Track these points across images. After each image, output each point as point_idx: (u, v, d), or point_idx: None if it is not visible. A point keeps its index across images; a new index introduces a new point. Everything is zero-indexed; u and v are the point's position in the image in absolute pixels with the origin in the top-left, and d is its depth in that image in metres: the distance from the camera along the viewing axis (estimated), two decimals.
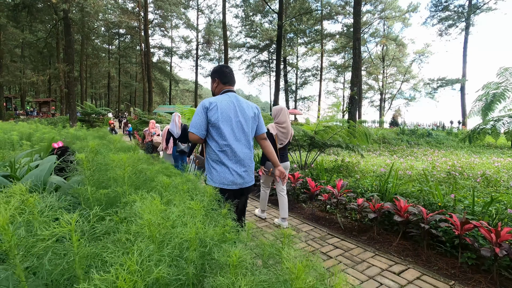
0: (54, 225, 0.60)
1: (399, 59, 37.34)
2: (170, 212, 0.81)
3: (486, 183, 5.03)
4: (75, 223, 0.61)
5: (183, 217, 0.80)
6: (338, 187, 3.73)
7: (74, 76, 22.88)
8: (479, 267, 2.33)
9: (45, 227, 0.62)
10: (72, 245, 0.61)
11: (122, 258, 0.53)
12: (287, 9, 30.94)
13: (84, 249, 0.62)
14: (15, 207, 0.62)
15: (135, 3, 35.77)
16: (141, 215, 0.70)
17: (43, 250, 0.60)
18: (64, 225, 0.60)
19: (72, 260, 0.61)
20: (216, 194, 1.12)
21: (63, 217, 0.62)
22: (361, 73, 29.06)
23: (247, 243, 0.88)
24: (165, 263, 0.59)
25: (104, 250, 0.63)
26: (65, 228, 0.60)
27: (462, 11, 28.67)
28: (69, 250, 0.61)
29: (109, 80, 44.83)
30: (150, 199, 0.80)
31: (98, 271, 0.51)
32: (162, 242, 0.68)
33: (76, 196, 1.13)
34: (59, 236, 0.61)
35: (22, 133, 3.89)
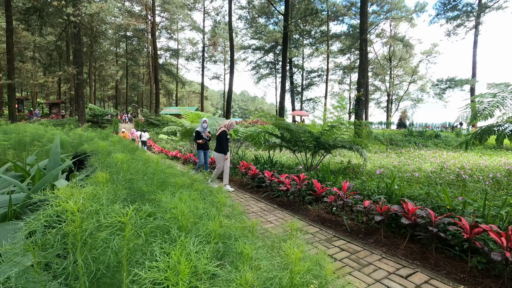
0: (114, 215, 0.69)
1: (406, 59, 36.89)
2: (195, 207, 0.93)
3: (497, 186, 4.92)
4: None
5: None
6: (344, 189, 3.71)
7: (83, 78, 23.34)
8: (490, 272, 2.28)
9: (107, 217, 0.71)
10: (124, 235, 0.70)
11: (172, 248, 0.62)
12: (293, 10, 30.96)
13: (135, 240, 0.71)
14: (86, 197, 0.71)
15: (142, 6, 36.31)
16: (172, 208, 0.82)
17: (107, 236, 0.69)
18: (121, 216, 0.69)
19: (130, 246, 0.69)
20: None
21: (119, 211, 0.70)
22: (368, 74, 28.84)
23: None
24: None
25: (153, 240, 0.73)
26: (123, 218, 0.69)
27: (471, 10, 28.19)
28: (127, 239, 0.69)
29: (116, 82, 45.54)
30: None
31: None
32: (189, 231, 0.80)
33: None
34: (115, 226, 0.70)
35: (34, 134, 3.99)
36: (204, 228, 0.81)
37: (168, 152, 12.90)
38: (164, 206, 0.88)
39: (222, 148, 5.36)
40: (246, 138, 8.08)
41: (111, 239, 0.68)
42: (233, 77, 27.27)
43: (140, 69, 45.31)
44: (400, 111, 36.33)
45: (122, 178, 1.18)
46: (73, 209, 0.63)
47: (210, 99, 70.09)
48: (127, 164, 1.28)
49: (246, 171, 5.96)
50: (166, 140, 18.83)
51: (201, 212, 0.94)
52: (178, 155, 11.31)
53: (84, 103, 23.41)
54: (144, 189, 1.17)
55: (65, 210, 0.63)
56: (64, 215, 0.64)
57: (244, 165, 6.13)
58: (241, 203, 4.55)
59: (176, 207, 0.80)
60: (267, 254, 0.77)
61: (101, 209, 0.72)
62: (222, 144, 5.36)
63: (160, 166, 1.38)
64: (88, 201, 0.69)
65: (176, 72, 44.24)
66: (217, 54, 44.64)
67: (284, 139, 6.41)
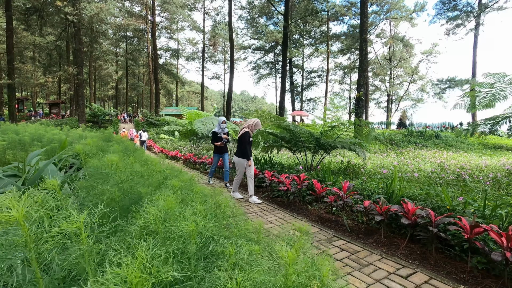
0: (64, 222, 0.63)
1: (406, 59, 36.87)
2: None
3: (497, 186, 4.92)
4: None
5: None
6: (344, 189, 3.70)
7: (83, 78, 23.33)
8: (490, 272, 2.28)
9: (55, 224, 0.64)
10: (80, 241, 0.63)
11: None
12: (293, 11, 30.96)
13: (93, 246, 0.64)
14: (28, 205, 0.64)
15: (142, 6, 36.30)
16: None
17: (55, 245, 0.62)
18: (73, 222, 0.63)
19: (80, 255, 0.63)
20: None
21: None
22: (368, 74, 28.81)
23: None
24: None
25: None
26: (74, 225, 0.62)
27: (471, 10, 28.17)
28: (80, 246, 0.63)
29: (116, 82, 45.54)
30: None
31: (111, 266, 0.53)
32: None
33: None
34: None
35: (33, 135, 3.98)
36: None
37: (168, 152, 12.90)
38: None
39: (244, 152, 4.65)
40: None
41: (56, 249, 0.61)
42: (233, 77, 27.27)
43: (140, 69, 45.31)
44: (400, 111, 36.33)
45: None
46: (16, 218, 0.58)
47: (210, 99, 70.05)
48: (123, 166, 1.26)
49: None
50: (166, 140, 18.84)
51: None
52: (178, 155, 11.30)
53: (84, 103, 23.39)
54: (142, 190, 1.15)
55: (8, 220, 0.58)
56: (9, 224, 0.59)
57: None
58: (241, 203, 4.55)
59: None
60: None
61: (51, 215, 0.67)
62: (244, 148, 4.65)
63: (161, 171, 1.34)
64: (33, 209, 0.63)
65: (176, 72, 44.24)
66: (217, 54, 44.64)
67: (284, 139, 6.41)
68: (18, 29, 23.83)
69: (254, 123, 4.79)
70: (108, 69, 43.02)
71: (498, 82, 5.25)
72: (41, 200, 0.72)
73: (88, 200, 1.09)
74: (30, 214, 0.62)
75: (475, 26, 27.86)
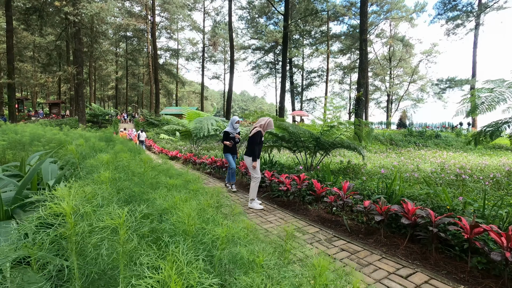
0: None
1: (406, 59, 36.87)
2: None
3: (497, 186, 4.92)
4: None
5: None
6: (344, 189, 3.70)
7: (83, 78, 23.33)
8: (490, 272, 2.27)
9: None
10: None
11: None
12: (293, 11, 30.96)
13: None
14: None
15: (142, 6, 36.31)
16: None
17: (99, 239, 0.66)
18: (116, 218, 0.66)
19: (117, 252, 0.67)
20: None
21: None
22: (368, 74, 28.82)
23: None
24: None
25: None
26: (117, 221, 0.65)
27: (471, 10, 28.17)
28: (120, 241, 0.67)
29: (116, 82, 45.53)
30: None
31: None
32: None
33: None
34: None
35: (33, 135, 3.99)
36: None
37: (168, 152, 12.90)
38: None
39: (252, 151, 4.33)
40: (246, 138, 8.07)
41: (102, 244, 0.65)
42: (233, 77, 27.28)
43: (140, 69, 45.31)
44: (400, 111, 36.32)
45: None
46: (66, 211, 0.61)
47: (210, 99, 70.01)
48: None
49: (246, 171, 5.95)
50: (166, 140, 18.84)
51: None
52: (178, 155, 11.30)
53: (84, 103, 23.39)
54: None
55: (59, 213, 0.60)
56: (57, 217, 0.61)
57: (244, 165, 6.12)
58: (241, 203, 4.55)
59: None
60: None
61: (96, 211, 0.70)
62: (253, 147, 4.32)
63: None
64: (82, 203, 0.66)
65: (176, 72, 44.24)
66: (217, 54, 44.64)
67: (284, 139, 6.40)
68: (18, 29, 23.83)
69: (266, 122, 4.40)
70: (108, 69, 43.03)
71: (497, 87, 5.32)
72: (90, 195, 0.73)
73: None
74: (77, 207, 0.66)
75: (475, 26, 27.87)
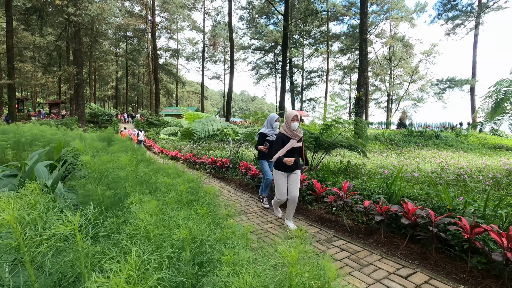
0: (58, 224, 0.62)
1: (406, 59, 36.87)
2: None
3: (497, 186, 4.92)
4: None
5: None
6: (344, 189, 3.70)
7: (83, 78, 23.32)
8: (490, 272, 2.27)
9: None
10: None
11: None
12: (293, 11, 30.97)
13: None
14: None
15: (142, 6, 36.31)
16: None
17: (49, 248, 0.61)
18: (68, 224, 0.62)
19: (76, 258, 0.62)
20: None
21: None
22: (368, 74, 28.81)
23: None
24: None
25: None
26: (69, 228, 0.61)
27: (471, 10, 28.18)
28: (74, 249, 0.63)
29: (116, 82, 45.52)
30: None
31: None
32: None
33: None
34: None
35: (34, 135, 3.99)
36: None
37: (168, 152, 12.90)
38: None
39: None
40: (246, 138, 8.07)
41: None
42: (233, 77, 27.28)
43: (140, 69, 45.31)
44: (400, 111, 36.32)
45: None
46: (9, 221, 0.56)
47: (210, 99, 70.08)
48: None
49: (246, 171, 5.95)
50: (166, 140, 18.83)
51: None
52: (178, 155, 11.31)
53: (84, 103, 23.38)
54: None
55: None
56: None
57: (244, 165, 6.12)
58: (241, 203, 4.55)
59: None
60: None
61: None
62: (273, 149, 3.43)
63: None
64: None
65: (176, 72, 44.25)
66: (217, 54, 44.64)
67: None
68: (18, 29, 23.83)
69: (290, 117, 3.28)
70: (108, 69, 43.03)
71: None
72: (33, 201, 0.71)
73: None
74: (22, 216, 0.61)
75: (475, 26, 27.88)
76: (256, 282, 0.58)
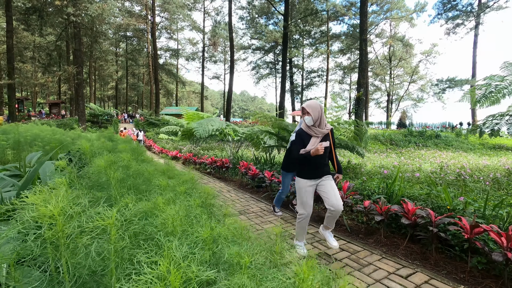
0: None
1: (406, 59, 36.89)
2: None
3: (497, 186, 4.92)
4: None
5: None
6: (344, 189, 3.70)
7: (83, 78, 23.32)
8: (490, 272, 2.27)
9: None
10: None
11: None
12: (293, 11, 30.97)
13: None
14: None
15: (142, 6, 36.31)
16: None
17: (90, 240, 0.66)
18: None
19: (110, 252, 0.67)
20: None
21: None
22: (368, 74, 28.82)
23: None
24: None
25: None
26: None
27: (471, 10, 28.18)
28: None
29: (116, 82, 45.51)
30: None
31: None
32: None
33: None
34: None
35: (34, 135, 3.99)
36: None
37: (168, 152, 12.90)
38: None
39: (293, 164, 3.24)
40: (246, 138, 8.07)
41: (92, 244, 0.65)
42: (233, 77, 27.27)
43: (140, 69, 45.31)
44: (400, 111, 36.34)
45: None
46: (52, 213, 0.60)
47: (210, 99, 70.07)
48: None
49: (246, 171, 5.95)
50: (166, 140, 18.84)
51: None
52: (178, 155, 11.31)
53: (84, 103, 23.38)
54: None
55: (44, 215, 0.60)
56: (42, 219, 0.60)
57: (244, 165, 6.13)
58: (241, 203, 4.55)
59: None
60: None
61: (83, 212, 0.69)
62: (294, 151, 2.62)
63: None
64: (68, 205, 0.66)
65: (176, 72, 44.25)
66: (217, 54, 44.63)
67: (284, 139, 6.41)
68: (18, 29, 23.82)
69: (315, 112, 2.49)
70: (108, 69, 43.01)
71: (510, 75, 5.01)
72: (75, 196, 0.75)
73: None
74: (65, 209, 0.65)
75: (475, 26, 27.86)
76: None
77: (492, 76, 5.34)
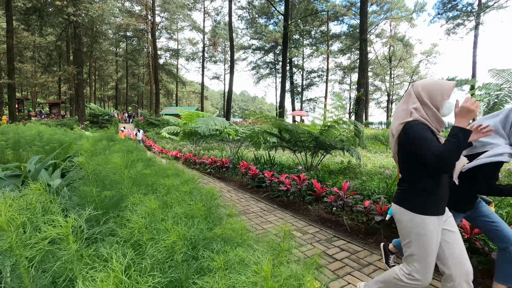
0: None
1: (406, 59, 36.91)
2: None
3: None
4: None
5: None
6: (344, 189, 3.70)
7: (83, 78, 23.33)
8: (490, 272, 2.28)
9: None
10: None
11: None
12: (293, 11, 30.97)
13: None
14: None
15: (142, 6, 36.31)
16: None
17: (40, 251, 0.60)
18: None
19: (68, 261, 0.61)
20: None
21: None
22: (368, 74, 28.83)
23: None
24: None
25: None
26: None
27: (471, 10, 28.18)
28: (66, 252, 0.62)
29: (117, 82, 45.52)
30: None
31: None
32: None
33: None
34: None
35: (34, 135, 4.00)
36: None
37: (168, 152, 12.91)
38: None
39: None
40: (246, 138, 8.08)
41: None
42: (233, 77, 27.27)
43: (140, 69, 45.30)
44: None
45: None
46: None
47: (210, 99, 70.10)
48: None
49: (246, 171, 5.96)
50: (167, 140, 18.84)
51: None
52: (178, 155, 11.31)
53: (84, 103, 23.39)
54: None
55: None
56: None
57: (244, 165, 6.13)
58: (241, 203, 4.55)
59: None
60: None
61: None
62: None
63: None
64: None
65: (176, 72, 44.24)
66: (217, 54, 44.63)
67: (284, 139, 6.41)
68: (18, 29, 23.81)
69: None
70: (108, 69, 43.03)
71: (506, 82, 5.02)
72: (25, 203, 0.71)
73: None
74: (15, 218, 0.60)
75: (475, 26, 27.86)
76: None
77: (488, 85, 5.33)
